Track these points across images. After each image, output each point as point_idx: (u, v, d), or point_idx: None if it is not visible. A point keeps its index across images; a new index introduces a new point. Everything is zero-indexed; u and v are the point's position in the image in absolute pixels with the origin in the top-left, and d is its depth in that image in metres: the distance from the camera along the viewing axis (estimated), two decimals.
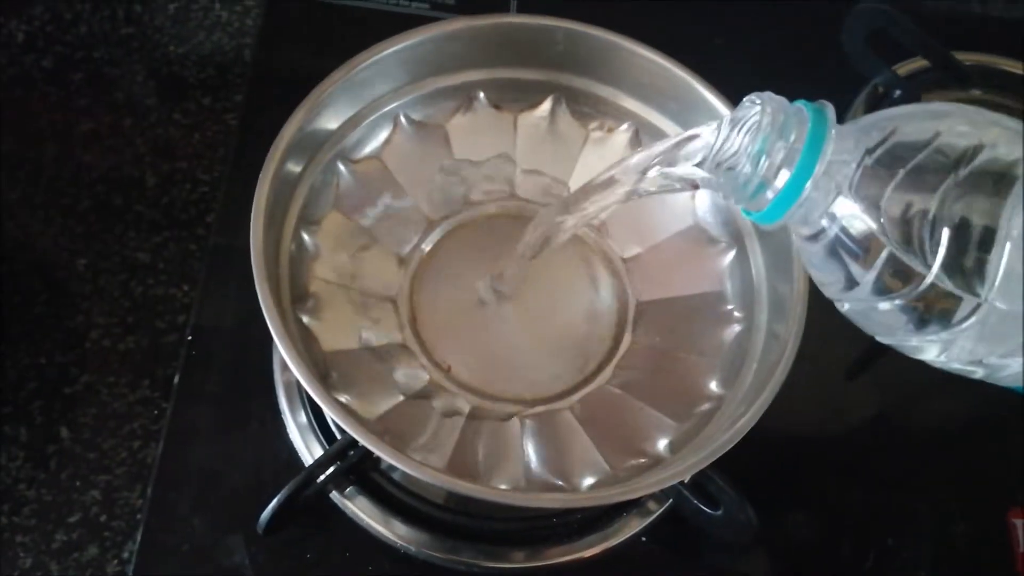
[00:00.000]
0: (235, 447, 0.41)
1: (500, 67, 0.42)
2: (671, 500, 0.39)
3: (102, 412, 0.44)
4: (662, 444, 0.36)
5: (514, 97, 0.42)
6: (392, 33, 0.39)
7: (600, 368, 0.40)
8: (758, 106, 0.30)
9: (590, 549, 0.39)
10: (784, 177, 0.28)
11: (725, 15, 0.58)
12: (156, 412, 0.45)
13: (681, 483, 0.36)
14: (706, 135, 0.32)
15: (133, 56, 0.55)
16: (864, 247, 0.28)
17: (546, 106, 0.42)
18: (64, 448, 0.43)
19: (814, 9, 0.59)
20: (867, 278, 0.29)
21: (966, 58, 0.55)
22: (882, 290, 0.29)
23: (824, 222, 0.29)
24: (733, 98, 0.40)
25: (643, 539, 0.40)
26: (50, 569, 0.41)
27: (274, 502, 0.35)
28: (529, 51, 0.41)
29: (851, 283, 0.29)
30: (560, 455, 0.36)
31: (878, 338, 0.32)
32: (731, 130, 0.30)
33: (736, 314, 0.39)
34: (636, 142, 0.42)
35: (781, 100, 0.30)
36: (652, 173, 0.33)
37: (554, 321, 0.41)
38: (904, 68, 0.54)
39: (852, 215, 0.28)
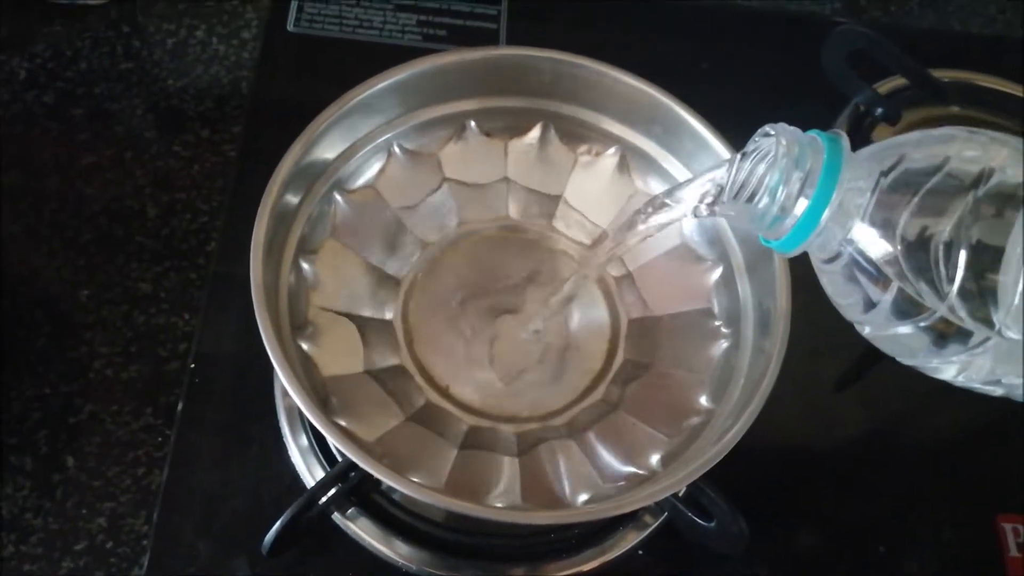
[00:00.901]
0: (238, 471, 0.42)
1: (490, 96, 0.43)
2: (666, 513, 0.40)
3: (106, 440, 0.45)
4: (654, 459, 0.37)
5: (504, 124, 0.44)
6: (385, 64, 0.41)
7: (594, 385, 0.41)
8: (772, 137, 0.30)
9: (588, 563, 0.40)
10: (802, 206, 0.29)
11: (710, 40, 0.59)
12: (160, 439, 0.45)
13: (675, 496, 0.37)
14: (719, 177, 0.33)
15: (132, 91, 0.57)
16: (881, 271, 0.29)
17: (535, 132, 0.44)
18: (69, 477, 0.44)
19: (795, 32, 0.61)
20: (885, 301, 0.29)
21: (944, 75, 0.56)
22: (900, 313, 0.29)
23: (841, 247, 0.29)
24: (716, 121, 0.41)
25: (640, 552, 0.41)
26: None
27: (277, 524, 0.36)
28: (518, 81, 0.42)
29: (869, 305, 0.30)
30: (555, 471, 0.37)
31: (899, 359, 0.32)
32: (746, 162, 0.31)
33: (723, 330, 0.40)
34: (623, 165, 0.43)
35: (794, 130, 0.30)
36: (676, 210, 0.34)
37: (549, 340, 0.42)
38: (884, 87, 0.55)
39: (869, 240, 0.29)
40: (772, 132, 0.30)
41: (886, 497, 0.46)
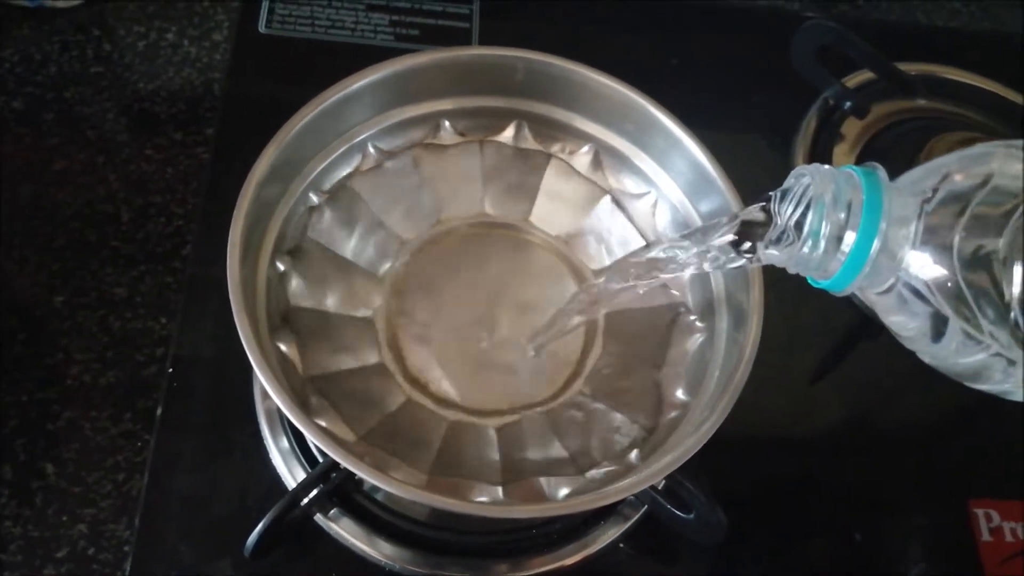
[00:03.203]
0: (219, 475, 0.42)
1: (464, 96, 0.43)
2: (646, 506, 0.40)
3: (85, 447, 0.45)
4: (632, 452, 0.38)
5: (478, 124, 0.44)
6: (358, 65, 0.41)
7: (572, 378, 0.41)
8: (806, 179, 0.30)
9: (571, 557, 0.41)
10: (848, 244, 0.28)
11: (680, 36, 0.60)
12: (139, 444, 0.45)
13: (655, 489, 0.38)
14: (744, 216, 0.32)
15: (104, 94, 0.56)
16: (940, 296, 0.28)
17: (509, 131, 0.44)
18: (49, 484, 0.44)
19: (765, 27, 0.62)
20: (952, 328, 0.28)
21: (911, 68, 0.57)
22: (968, 339, 0.28)
23: (894, 278, 0.29)
24: (687, 116, 0.41)
25: (621, 545, 0.41)
26: None
27: (260, 526, 0.36)
28: (491, 80, 0.43)
29: (936, 334, 0.29)
30: (536, 466, 0.38)
31: (967, 383, 0.31)
32: (783, 205, 0.31)
33: (698, 324, 0.41)
34: (597, 163, 0.44)
35: (829, 170, 0.30)
36: (703, 255, 0.33)
37: (528, 333, 0.42)
38: (852, 80, 0.56)
39: (923, 266, 0.28)
40: (806, 174, 0.30)
41: (861, 485, 0.46)
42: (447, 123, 0.43)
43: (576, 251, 0.44)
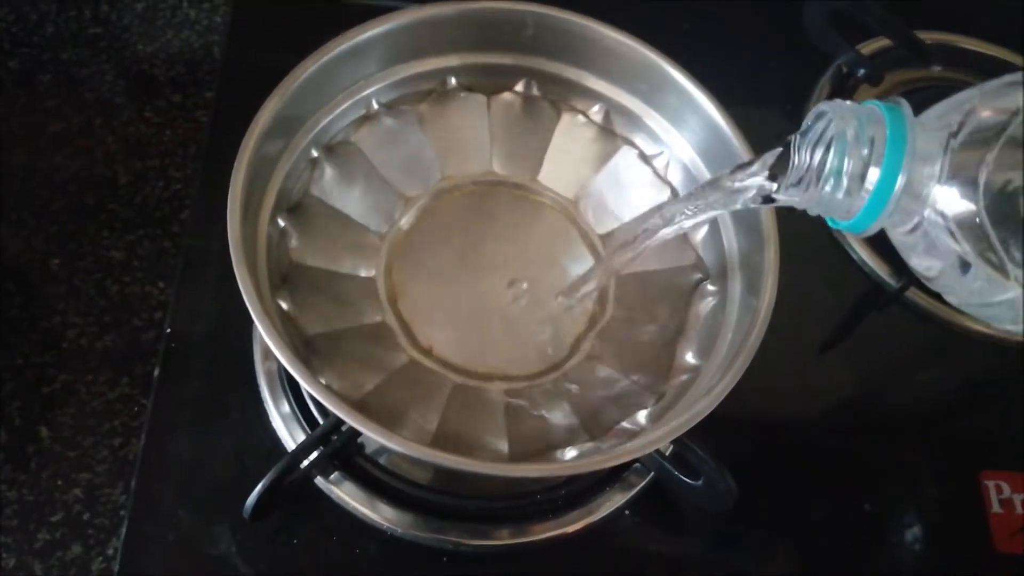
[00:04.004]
0: (218, 439, 0.41)
1: (471, 52, 0.42)
2: (653, 473, 0.40)
3: (81, 411, 0.44)
4: (642, 415, 0.37)
5: (486, 81, 0.43)
6: None
7: (581, 342, 0.40)
8: (827, 117, 0.29)
9: (574, 524, 0.40)
10: (872, 179, 0.27)
11: (690, 2, 0.59)
12: (136, 409, 0.44)
13: (661, 455, 0.37)
14: (757, 163, 0.31)
15: (101, 56, 0.55)
16: (967, 232, 0.27)
17: (518, 88, 0.43)
18: (44, 448, 0.43)
19: None
20: (977, 264, 0.28)
21: (927, 37, 0.56)
22: (994, 269, 0.27)
23: (920, 216, 0.28)
24: (701, 79, 0.40)
25: (627, 512, 0.41)
26: (34, 569, 0.40)
27: (259, 487, 0.35)
28: (500, 36, 0.42)
29: (963, 271, 0.28)
30: (543, 427, 0.37)
31: (997, 325, 0.31)
32: (803, 145, 0.30)
33: (710, 287, 0.40)
34: (608, 122, 0.43)
35: (851, 106, 0.29)
36: (723, 200, 0.33)
37: (535, 296, 0.41)
38: (867, 48, 0.55)
39: (950, 203, 0.27)
40: (827, 110, 0.29)
41: (870, 456, 0.46)
42: (454, 80, 0.42)
43: (586, 211, 0.43)
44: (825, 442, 0.46)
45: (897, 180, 0.27)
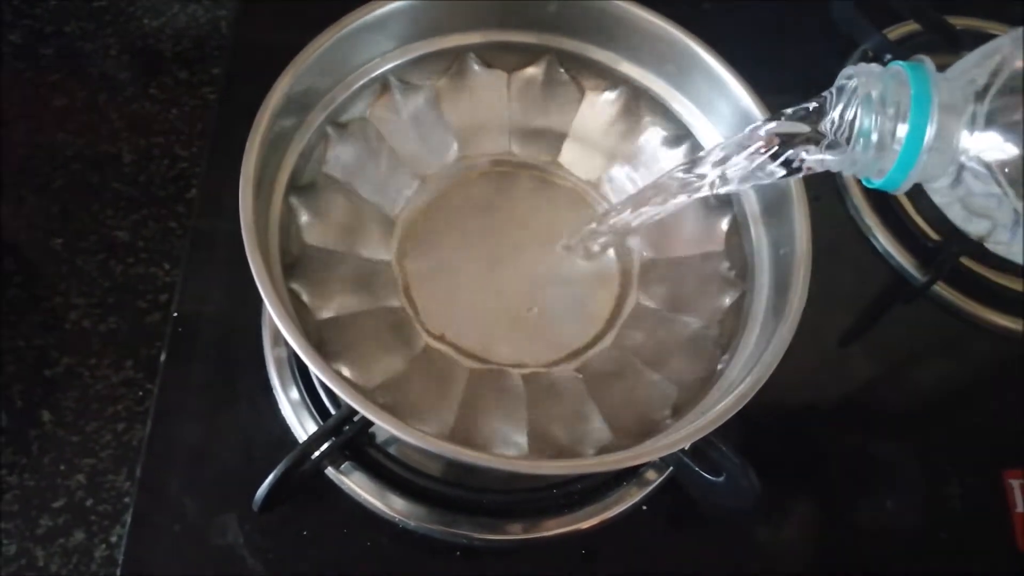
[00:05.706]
0: (225, 426, 0.40)
1: (491, 30, 0.40)
2: (671, 469, 0.38)
3: (84, 395, 0.43)
4: (665, 409, 0.36)
5: (507, 60, 0.41)
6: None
7: (604, 331, 0.39)
8: (852, 80, 0.29)
9: (589, 520, 0.39)
10: (901, 135, 0.28)
11: None
12: (141, 393, 0.44)
13: (682, 451, 0.36)
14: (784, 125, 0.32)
15: (106, 30, 0.54)
16: (1013, 175, 0.28)
17: (540, 67, 0.41)
18: (46, 432, 0.42)
19: None
20: None
21: (956, 22, 0.55)
22: None
23: (957, 168, 0.28)
24: (729, 61, 0.39)
25: (644, 508, 0.40)
26: (35, 555, 0.40)
27: (269, 479, 0.34)
28: (521, 13, 0.40)
29: (1015, 224, 0.29)
30: (563, 421, 0.36)
31: None
32: (833, 109, 0.30)
33: (736, 278, 0.39)
34: (633, 104, 0.41)
35: (873, 67, 0.30)
36: (737, 167, 0.33)
37: (554, 282, 0.40)
38: (894, 32, 0.53)
39: (993, 148, 0.27)
40: (851, 74, 0.30)
41: (892, 453, 0.45)
42: (473, 57, 0.41)
43: (607, 196, 0.42)
44: (846, 437, 0.45)
45: (926, 132, 0.27)
